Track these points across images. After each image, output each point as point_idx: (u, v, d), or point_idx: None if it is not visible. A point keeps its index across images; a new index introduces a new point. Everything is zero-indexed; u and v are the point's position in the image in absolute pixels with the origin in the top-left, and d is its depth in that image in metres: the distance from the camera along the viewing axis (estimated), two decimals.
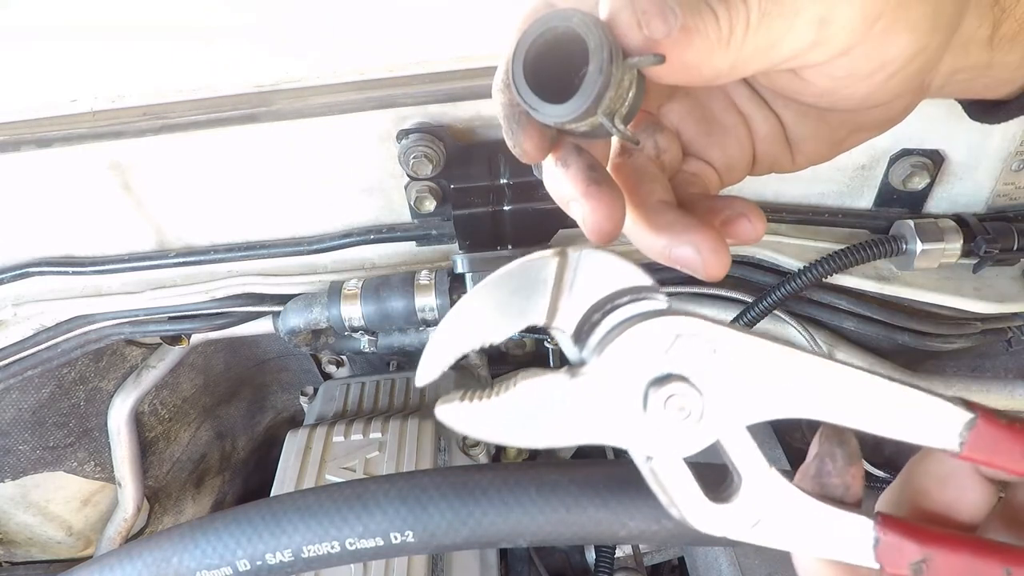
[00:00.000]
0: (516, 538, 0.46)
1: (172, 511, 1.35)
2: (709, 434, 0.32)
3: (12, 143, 0.79)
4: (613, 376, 0.32)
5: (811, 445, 0.35)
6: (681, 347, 0.31)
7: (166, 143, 0.79)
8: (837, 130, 0.42)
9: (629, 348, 0.31)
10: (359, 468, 1.00)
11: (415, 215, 0.87)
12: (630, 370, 0.32)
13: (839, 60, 0.34)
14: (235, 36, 0.74)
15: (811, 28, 0.33)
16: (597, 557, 1.14)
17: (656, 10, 0.31)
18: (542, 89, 0.32)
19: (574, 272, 0.32)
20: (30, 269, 0.91)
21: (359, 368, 1.49)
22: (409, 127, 0.78)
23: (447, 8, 0.72)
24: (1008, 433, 0.33)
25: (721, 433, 0.33)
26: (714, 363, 0.32)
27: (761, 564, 0.98)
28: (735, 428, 0.33)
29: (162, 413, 1.27)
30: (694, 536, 0.48)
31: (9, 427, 1.07)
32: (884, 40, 0.34)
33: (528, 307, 0.32)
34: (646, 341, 0.31)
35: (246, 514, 0.49)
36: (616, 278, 0.33)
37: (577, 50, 0.31)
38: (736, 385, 0.32)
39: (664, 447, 0.32)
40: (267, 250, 0.91)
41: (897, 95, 0.38)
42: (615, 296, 0.33)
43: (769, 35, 0.33)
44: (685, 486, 0.33)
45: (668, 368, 0.31)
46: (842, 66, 0.35)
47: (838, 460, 0.34)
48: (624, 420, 0.32)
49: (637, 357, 0.31)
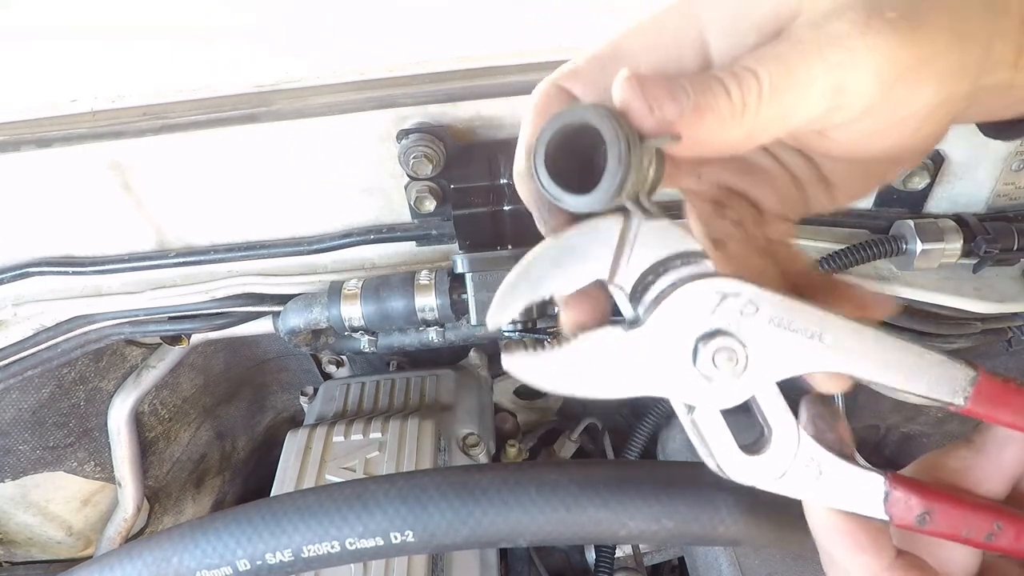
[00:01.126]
0: (516, 538, 0.46)
1: (172, 511, 1.35)
2: (748, 388, 0.35)
3: (12, 143, 0.79)
4: (665, 331, 0.34)
5: (798, 415, 0.39)
6: (727, 306, 0.34)
7: (166, 143, 0.79)
8: (873, 168, 0.42)
9: (680, 306, 0.34)
10: (359, 468, 1.00)
11: (415, 215, 0.87)
12: (681, 326, 0.34)
13: (861, 121, 0.34)
14: (235, 36, 0.74)
15: (825, 97, 0.32)
16: (597, 557, 1.14)
17: (666, 93, 0.32)
18: (565, 177, 0.34)
19: (634, 235, 0.34)
20: (30, 269, 0.91)
21: (359, 368, 1.49)
22: (409, 127, 0.78)
23: (447, 8, 0.72)
24: (1007, 390, 0.36)
25: (757, 388, 0.36)
26: (755, 321, 0.34)
27: (761, 564, 0.98)
28: (769, 383, 0.36)
29: (162, 413, 1.27)
30: (694, 536, 0.48)
31: (9, 427, 1.07)
32: (907, 97, 0.33)
33: (592, 263, 0.35)
34: (695, 300, 0.34)
35: (246, 514, 0.49)
36: (669, 243, 0.35)
37: (595, 139, 0.33)
38: (774, 342, 0.35)
39: (707, 399, 0.35)
40: (267, 250, 0.91)
41: (928, 137, 0.37)
42: (668, 260, 0.35)
43: (782, 106, 0.33)
44: (722, 437, 0.36)
45: (715, 325, 0.34)
46: (865, 126, 0.35)
47: (826, 417, 0.38)
48: (673, 372, 0.35)
49: (687, 314, 0.34)
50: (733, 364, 0.34)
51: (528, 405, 1.51)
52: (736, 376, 0.35)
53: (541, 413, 1.54)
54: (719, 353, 0.34)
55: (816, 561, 0.42)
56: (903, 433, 1.21)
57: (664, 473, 0.49)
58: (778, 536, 0.51)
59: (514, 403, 1.49)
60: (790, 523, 0.51)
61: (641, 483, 0.42)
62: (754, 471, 0.37)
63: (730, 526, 0.48)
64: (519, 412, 1.49)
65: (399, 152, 0.78)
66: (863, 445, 1.15)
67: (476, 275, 0.83)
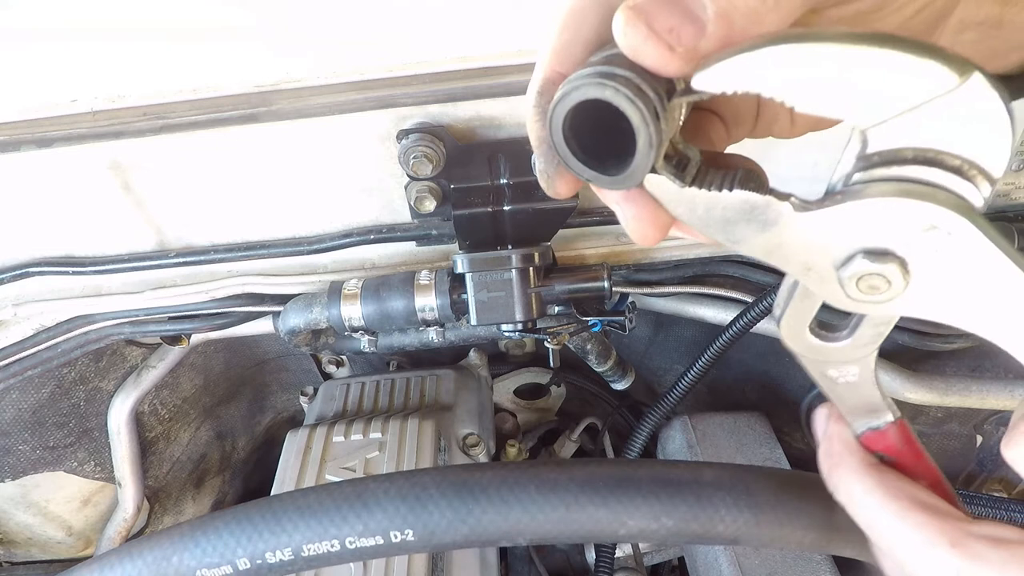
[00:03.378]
0: (516, 537, 0.46)
1: (172, 511, 1.35)
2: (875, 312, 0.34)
3: (12, 143, 0.79)
4: (851, 220, 0.30)
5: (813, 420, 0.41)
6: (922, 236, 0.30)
7: (166, 143, 0.80)
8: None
9: (882, 209, 0.30)
10: (359, 468, 1.00)
11: (415, 215, 0.87)
12: (863, 226, 0.30)
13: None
14: (235, 36, 0.74)
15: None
16: (597, 557, 1.14)
17: (679, 18, 0.28)
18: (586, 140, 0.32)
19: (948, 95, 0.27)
20: (30, 269, 0.91)
21: (359, 368, 1.49)
22: (409, 127, 0.78)
23: (447, 8, 0.72)
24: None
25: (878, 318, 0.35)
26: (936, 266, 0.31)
27: (761, 564, 0.98)
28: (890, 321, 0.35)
29: (162, 413, 1.27)
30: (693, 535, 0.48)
31: (9, 427, 1.07)
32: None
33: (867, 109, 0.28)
34: (906, 213, 0.29)
35: (246, 513, 0.49)
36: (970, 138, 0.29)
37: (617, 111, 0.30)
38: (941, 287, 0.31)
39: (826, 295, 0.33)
40: (267, 250, 0.91)
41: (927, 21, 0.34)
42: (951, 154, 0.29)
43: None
44: (804, 309, 0.36)
45: (891, 246, 0.31)
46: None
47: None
48: (815, 260, 0.32)
49: (883, 219, 0.30)
50: (874, 293, 0.32)
51: (528, 405, 1.51)
52: (867, 301, 0.32)
53: (541, 413, 1.54)
54: (869, 277, 0.31)
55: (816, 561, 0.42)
56: None
57: (664, 472, 0.49)
58: (778, 536, 0.51)
59: (514, 403, 1.49)
60: (790, 523, 0.51)
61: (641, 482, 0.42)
62: (806, 347, 0.37)
63: (729, 525, 0.48)
64: (519, 412, 1.49)
65: (399, 152, 0.78)
66: None
67: (476, 275, 0.83)
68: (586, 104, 0.31)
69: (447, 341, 1.02)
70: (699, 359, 1.10)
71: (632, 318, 0.96)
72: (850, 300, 0.33)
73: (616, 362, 1.23)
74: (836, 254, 0.32)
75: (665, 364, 1.42)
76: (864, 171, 0.30)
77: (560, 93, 0.31)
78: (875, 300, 0.32)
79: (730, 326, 1.04)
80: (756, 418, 1.21)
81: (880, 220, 0.30)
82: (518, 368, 1.47)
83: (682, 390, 1.14)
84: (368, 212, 0.89)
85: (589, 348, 1.18)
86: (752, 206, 0.32)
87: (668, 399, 1.17)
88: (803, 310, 0.36)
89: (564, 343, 1.11)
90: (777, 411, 1.25)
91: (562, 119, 0.32)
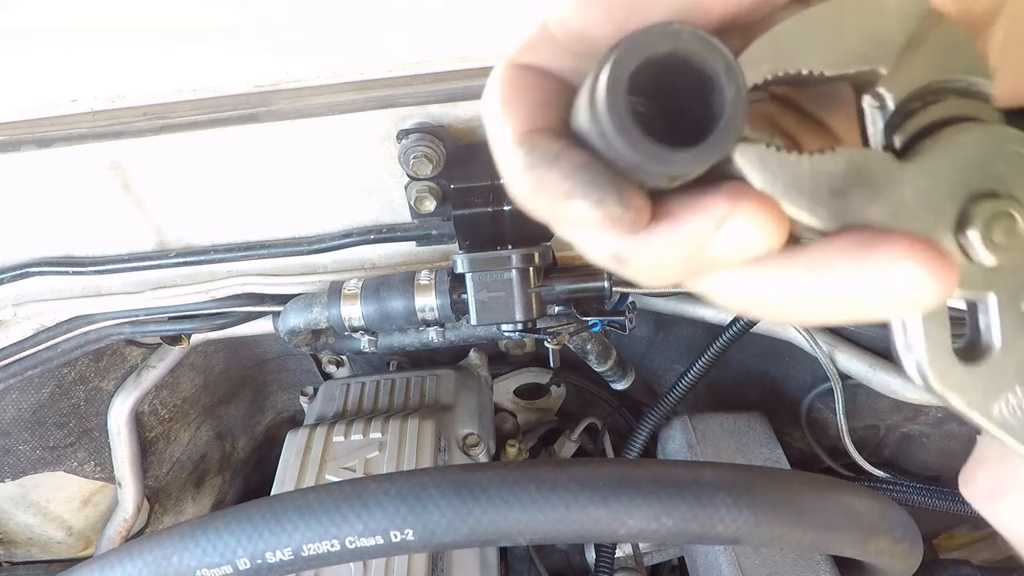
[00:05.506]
0: (516, 536, 0.46)
1: (172, 511, 1.35)
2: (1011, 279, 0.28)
3: (12, 143, 0.79)
4: (937, 175, 0.27)
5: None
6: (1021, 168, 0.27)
7: (166, 143, 0.80)
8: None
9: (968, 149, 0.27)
10: (359, 468, 1.00)
11: (415, 215, 0.87)
12: (961, 174, 0.27)
13: None
14: (235, 36, 0.74)
15: None
16: (597, 557, 1.14)
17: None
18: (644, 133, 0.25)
19: (925, 36, 0.27)
20: (30, 269, 0.91)
21: (359, 368, 1.49)
22: (409, 127, 0.78)
23: (447, 8, 0.72)
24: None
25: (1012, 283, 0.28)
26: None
27: (761, 564, 0.98)
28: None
29: (162, 413, 1.27)
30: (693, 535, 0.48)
31: (9, 427, 1.07)
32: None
33: (875, 49, 0.27)
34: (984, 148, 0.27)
35: (246, 512, 0.49)
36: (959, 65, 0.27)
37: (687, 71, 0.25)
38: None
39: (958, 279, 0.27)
40: (267, 250, 0.91)
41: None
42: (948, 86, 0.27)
43: None
44: (939, 334, 0.28)
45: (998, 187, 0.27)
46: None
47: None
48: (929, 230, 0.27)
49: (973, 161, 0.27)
50: (1009, 243, 0.26)
51: (528, 405, 1.51)
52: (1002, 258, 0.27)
53: (541, 413, 1.54)
54: (996, 221, 0.26)
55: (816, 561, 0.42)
56: (903, 433, 1.22)
57: (664, 472, 0.49)
58: (778, 536, 0.51)
59: (514, 403, 1.49)
60: (790, 523, 0.51)
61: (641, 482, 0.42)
62: (960, 384, 0.29)
63: (729, 525, 0.48)
64: (519, 412, 1.49)
65: (399, 152, 0.78)
66: (863, 445, 1.15)
67: (476, 275, 0.83)
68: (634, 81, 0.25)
69: (447, 341, 1.02)
70: (699, 359, 1.10)
71: (632, 318, 0.96)
72: (984, 272, 0.27)
73: (616, 362, 1.23)
74: (949, 212, 0.27)
75: (665, 364, 1.42)
76: (900, 132, 0.28)
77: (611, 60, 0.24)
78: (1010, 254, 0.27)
79: (730, 326, 1.04)
80: (756, 418, 1.21)
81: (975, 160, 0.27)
82: (518, 368, 1.47)
83: (682, 390, 1.14)
84: (368, 212, 0.89)
85: (589, 348, 1.18)
86: (858, 165, 0.27)
87: (668, 399, 1.17)
88: (937, 328, 0.28)
89: (564, 343, 1.11)
90: (777, 411, 1.25)
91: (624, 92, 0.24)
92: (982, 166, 0.27)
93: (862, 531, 0.52)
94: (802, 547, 0.50)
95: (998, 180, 0.27)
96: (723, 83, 0.24)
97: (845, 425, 1.08)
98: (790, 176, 0.26)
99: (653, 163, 0.24)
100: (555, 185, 0.25)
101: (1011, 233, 0.26)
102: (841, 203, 0.27)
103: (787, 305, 0.27)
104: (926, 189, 0.27)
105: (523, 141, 0.27)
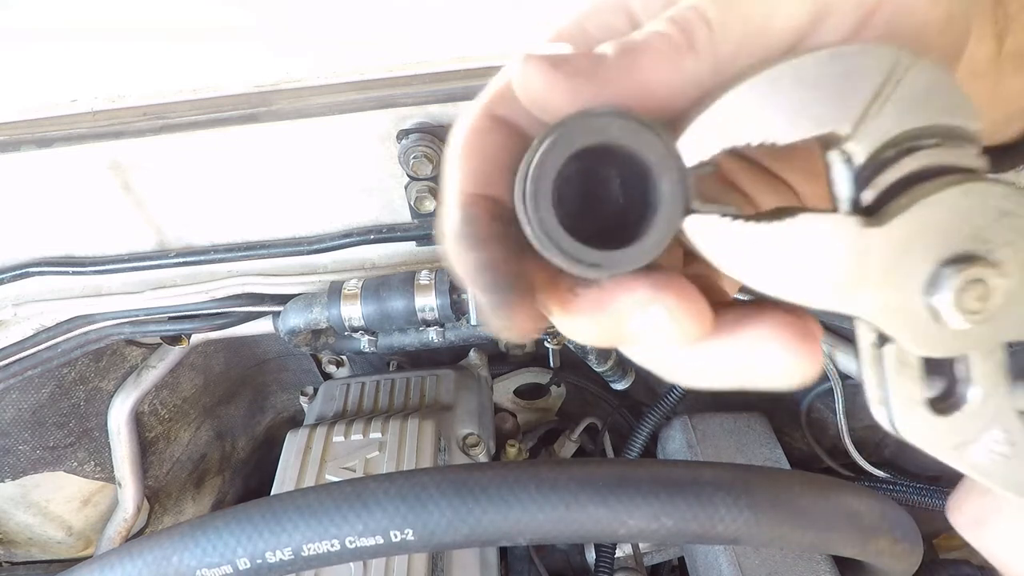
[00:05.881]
0: (516, 536, 0.46)
1: (172, 511, 1.35)
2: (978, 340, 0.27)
3: (12, 143, 0.79)
4: (908, 237, 0.25)
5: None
6: (998, 227, 0.25)
7: (166, 143, 0.80)
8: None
9: (938, 208, 0.25)
10: (359, 468, 1.00)
11: (415, 215, 0.87)
12: (928, 236, 0.25)
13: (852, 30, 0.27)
14: (235, 36, 0.74)
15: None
16: (597, 557, 1.14)
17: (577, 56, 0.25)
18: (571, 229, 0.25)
19: (897, 83, 0.25)
20: (30, 269, 0.91)
21: (359, 368, 1.49)
22: (409, 127, 0.78)
23: (447, 8, 0.72)
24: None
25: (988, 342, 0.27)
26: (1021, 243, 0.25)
27: (761, 564, 0.98)
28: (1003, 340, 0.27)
29: (162, 413, 1.27)
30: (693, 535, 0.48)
31: (9, 427, 1.07)
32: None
33: (834, 109, 0.25)
34: (958, 206, 0.25)
35: (246, 512, 0.49)
36: (936, 107, 0.25)
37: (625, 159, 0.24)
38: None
39: (920, 340, 0.26)
40: (267, 250, 0.91)
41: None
42: (926, 132, 0.25)
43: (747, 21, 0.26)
44: (911, 388, 0.27)
45: (970, 247, 0.25)
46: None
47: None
48: (892, 292, 0.26)
49: (941, 222, 0.25)
50: (979, 308, 0.25)
51: (528, 405, 1.51)
52: (977, 322, 0.26)
53: (541, 413, 1.54)
54: (968, 289, 0.25)
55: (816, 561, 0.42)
56: None
57: (663, 472, 0.49)
58: (778, 536, 0.51)
59: (514, 403, 1.49)
60: (790, 523, 0.51)
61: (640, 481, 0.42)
62: (934, 435, 0.28)
63: (729, 525, 0.48)
64: (519, 412, 1.49)
65: (399, 152, 0.78)
66: (863, 445, 1.15)
67: None
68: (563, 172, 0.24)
69: (447, 341, 1.02)
70: None
71: None
72: (954, 334, 0.26)
73: (616, 362, 1.23)
74: (919, 276, 0.26)
75: None
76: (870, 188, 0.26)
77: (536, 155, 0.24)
78: (982, 318, 0.26)
79: None
80: (756, 418, 1.21)
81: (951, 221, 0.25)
82: (518, 368, 1.47)
83: (682, 390, 1.14)
84: (368, 212, 0.89)
85: (589, 348, 1.18)
86: (823, 230, 0.25)
87: (668, 399, 1.17)
88: (908, 383, 0.28)
89: (564, 343, 1.11)
90: (777, 411, 1.25)
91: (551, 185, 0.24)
92: (958, 226, 0.25)
93: (862, 531, 0.52)
94: (802, 547, 0.50)
95: (976, 240, 0.25)
96: (658, 176, 0.24)
97: (845, 425, 1.08)
98: (742, 248, 0.25)
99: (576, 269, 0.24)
100: (466, 267, 0.27)
101: (985, 299, 0.25)
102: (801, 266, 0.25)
103: (694, 375, 0.28)
104: (895, 255, 0.25)
105: (465, 205, 0.28)
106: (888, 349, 0.27)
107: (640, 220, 0.25)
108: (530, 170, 0.24)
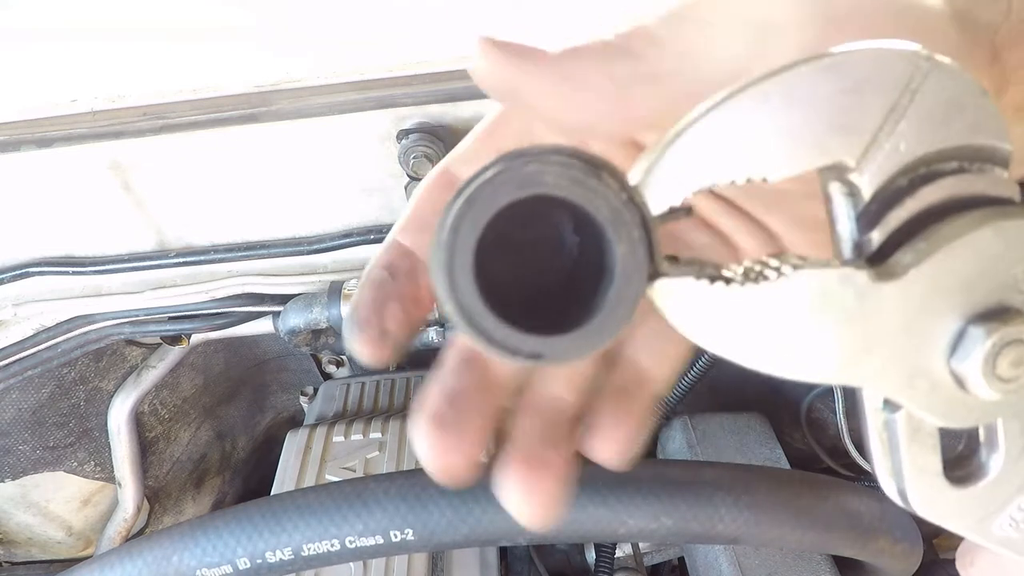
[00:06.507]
0: (516, 536, 0.46)
1: (172, 511, 1.35)
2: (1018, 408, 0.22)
3: (12, 143, 0.79)
4: (937, 291, 0.20)
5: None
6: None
7: (166, 143, 0.80)
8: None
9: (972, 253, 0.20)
10: (359, 468, 1.00)
11: None
12: (961, 287, 0.20)
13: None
14: (235, 36, 0.74)
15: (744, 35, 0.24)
16: (597, 557, 1.14)
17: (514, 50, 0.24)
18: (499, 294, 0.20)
19: (913, 95, 0.20)
20: (30, 269, 0.91)
21: (359, 368, 1.49)
22: (409, 127, 0.78)
23: (447, 8, 0.72)
24: None
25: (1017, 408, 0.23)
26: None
27: (761, 564, 0.98)
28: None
29: (162, 413, 1.27)
30: (693, 535, 0.48)
31: (9, 427, 1.07)
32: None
33: (837, 133, 0.20)
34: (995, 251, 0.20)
35: (246, 512, 0.49)
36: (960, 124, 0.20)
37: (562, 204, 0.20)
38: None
39: (940, 409, 0.22)
40: (267, 250, 0.91)
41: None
42: (946, 154, 0.21)
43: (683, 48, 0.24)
44: (927, 459, 0.23)
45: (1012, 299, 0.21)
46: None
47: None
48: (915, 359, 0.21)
49: (978, 270, 0.20)
50: (1017, 371, 0.21)
51: None
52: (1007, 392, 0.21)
53: None
54: (1003, 352, 0.20)
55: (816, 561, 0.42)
56: None
57: (663, 471, 0.49)
58: (778, 536, 0.51)
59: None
60: (790, 523, 0.51)
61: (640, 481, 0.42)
62: (953, 509, 0.24)
63: (729, 524, 0.48)
64: None
65: (399, 152, 0.78)
66: (863, 445, 1.15)
67: None
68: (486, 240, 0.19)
69: (447, 341, 1.02)
70: (699, 359, 1.09)
71: None
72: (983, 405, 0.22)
73: None
74: (942, 337, 0.21)
75: None
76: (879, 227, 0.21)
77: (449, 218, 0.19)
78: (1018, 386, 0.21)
79: None
80: (756, 418, 1.21)
81: (981, 268, 0.20)
82: None
83: (682, 390, 1.14)
84: (368, 212, 0.89)
85: None
86: (824, 289, 0.20)
87: (668, 399, 1.17)
88: (923, 453, 0.23)
89: None
90: (777, 411, 1.25)
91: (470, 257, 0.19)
92: (990, 274, 0.20)
93: (862, 531, 0.52)
94: (802, 547, 0.50)
95: (1012, 290, 0.21)
96: (612, 236, 0.19)
97: (845, 425, 1.08)
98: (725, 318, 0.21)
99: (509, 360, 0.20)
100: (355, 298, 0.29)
101: (1022, 363, 0.21)
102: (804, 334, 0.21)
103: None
104: (912, 314, 0.21)
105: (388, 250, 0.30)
106: (900, 416, 0.23)
107: (597, 282, 0.20)
108: (443, 237, 0.19)
